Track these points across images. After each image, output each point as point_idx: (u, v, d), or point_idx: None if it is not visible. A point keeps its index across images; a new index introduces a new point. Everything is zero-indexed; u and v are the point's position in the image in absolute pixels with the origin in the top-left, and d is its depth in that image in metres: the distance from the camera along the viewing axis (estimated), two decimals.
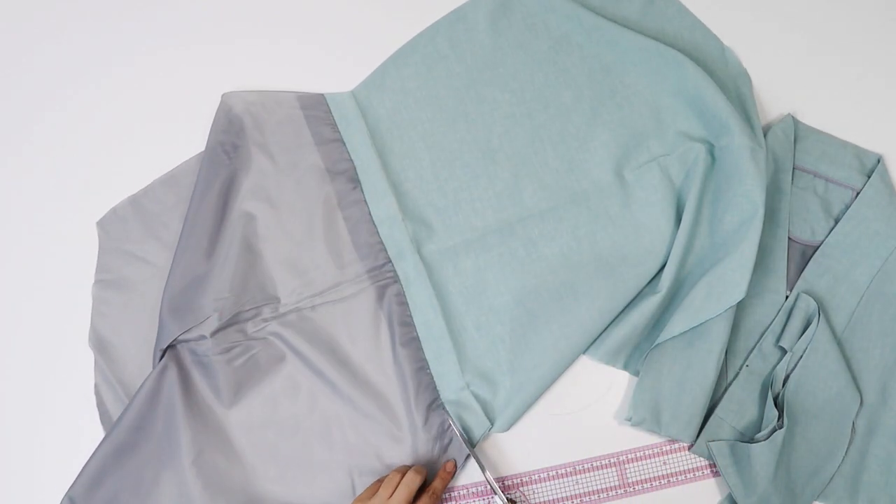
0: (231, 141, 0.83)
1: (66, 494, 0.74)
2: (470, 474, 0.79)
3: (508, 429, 0.80)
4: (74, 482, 0.74)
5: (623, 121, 0.86)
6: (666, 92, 0.86)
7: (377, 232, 0.83)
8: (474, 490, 0.79)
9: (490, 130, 0.87)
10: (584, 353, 0.82)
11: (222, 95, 0.85)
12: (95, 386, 0.81)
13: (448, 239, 0.84)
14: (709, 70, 0.86)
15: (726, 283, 0.77)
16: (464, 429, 0.79)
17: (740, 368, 0.81)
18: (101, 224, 0.84)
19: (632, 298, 0.82)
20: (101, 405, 0.80)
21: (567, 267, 0.82)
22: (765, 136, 0.85)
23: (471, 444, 0.78)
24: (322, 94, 0.87)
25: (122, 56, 0.90)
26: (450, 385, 0.81)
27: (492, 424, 0.79)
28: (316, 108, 0.86)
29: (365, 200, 0.84)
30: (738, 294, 0.77)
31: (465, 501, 0.79)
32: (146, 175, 0.86)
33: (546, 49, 0.88)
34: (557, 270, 0.82)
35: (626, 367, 0.82)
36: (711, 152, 0.84)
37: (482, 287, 0.83)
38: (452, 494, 0.79)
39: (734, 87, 0.88)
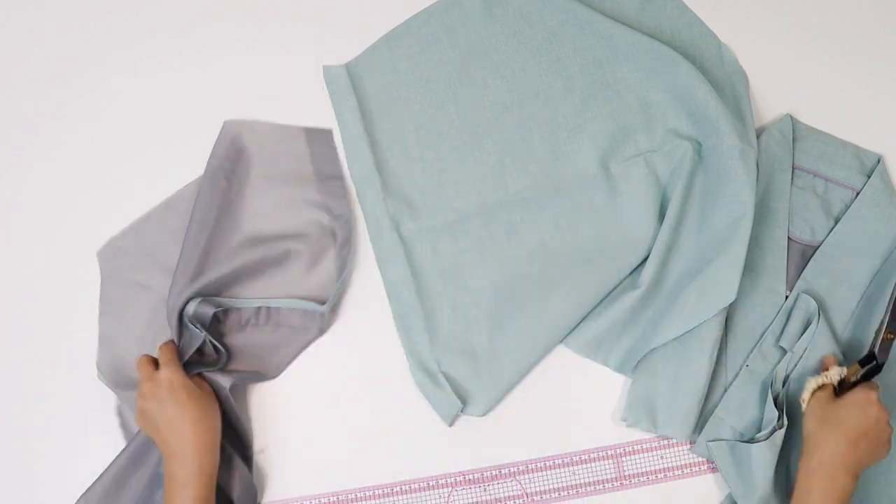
0: (231, 167, 0.83)
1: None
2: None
3: (485, 414, 0.79)
4: (89, 490, 0.73)
5: (612, 114, 0.86)
6: (657, 88, 0.86)
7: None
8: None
9: (479, 115, 0.87)
10: (562, 343, 0.81)
11: (225, 123, 0.84)
12: (118, 407, 0.79)
13: (429, 219, 0.83)
14: (704, 68, 0.86)
15: (717, 285, 0.77)
16: (433, 407, 0.79)
17: (740, 369, 0.80)
18: (101, 255, 0.83)
19: (609, 291, 0.81)
20: (124, 425, 0.78)
21: (546, 255, 0.82)
22: (761, 136, 0.85)
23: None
24: (329, 130, 0.87)
25: (119, 69, 0.89)
26: (418, 361, 0.80)
27: (462, 405, 0.78)
28: (322, 145, 0.86)
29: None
30: (730, 295, 0.76)
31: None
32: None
33: (540, 38, 0.89)
34: (536, 258, 0.82)
35: (606, 362, 0.81)
36: (699, 151, 0.84)
37: (460, 269, 0.82)
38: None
39: (729, 86, 0.87)
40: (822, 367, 0.76)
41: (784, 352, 0.79)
